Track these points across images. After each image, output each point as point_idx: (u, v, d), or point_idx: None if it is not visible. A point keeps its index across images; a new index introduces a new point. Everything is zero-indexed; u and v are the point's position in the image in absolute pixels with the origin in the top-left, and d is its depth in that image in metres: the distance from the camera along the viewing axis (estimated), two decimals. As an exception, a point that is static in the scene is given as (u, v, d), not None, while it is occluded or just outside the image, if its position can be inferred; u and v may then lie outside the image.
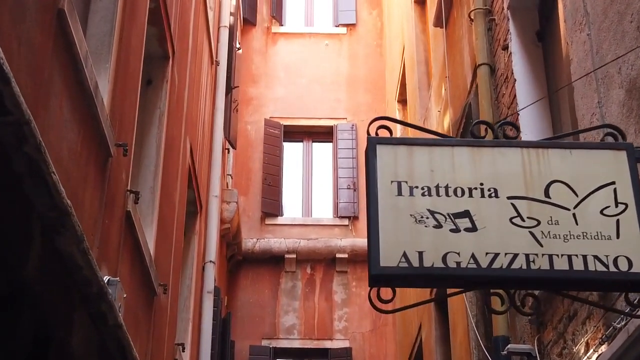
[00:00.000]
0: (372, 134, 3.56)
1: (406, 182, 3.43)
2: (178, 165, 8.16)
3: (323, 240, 14.49)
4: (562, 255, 3.45)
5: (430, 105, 10.34)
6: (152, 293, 6.73)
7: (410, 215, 3.37)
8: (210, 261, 10.37)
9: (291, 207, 15.27)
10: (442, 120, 9.27)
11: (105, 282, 4.81)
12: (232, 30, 11.96)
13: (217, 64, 11.27)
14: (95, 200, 4.86)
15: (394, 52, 14.44)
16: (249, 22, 16.13)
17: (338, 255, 14.41)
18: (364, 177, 3.58)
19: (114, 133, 5.21)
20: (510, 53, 6.59)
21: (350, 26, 16.47)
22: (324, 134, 15.65)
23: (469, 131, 3.88)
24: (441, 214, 3.39)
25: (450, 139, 4.45)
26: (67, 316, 4.29)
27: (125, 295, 5.24)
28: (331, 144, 15.53)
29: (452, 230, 3.37)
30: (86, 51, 4.49)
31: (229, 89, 11.80)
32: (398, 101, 13.86)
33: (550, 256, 3.45)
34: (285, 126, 15.49)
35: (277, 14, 16.45)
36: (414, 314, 11.30)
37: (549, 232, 3.51)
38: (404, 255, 3.27)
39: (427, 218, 3.36)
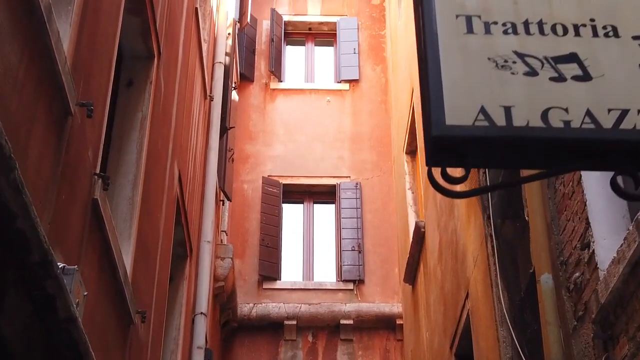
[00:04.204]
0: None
1: (479, 16, 2.35)
2: (164, 186, 7.09)
3: (326, 306, 13.25)
4: None
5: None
6: (127, 318, 5.57)
7: (489, 59, 2.27)
8: (202, 313, 9.18)
9: (291, 271, 14.05)
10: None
11: (60, 268, 3.71)
12: (227, 69, 11.05)
13: (211, 99, 10.31)
14: (46, 159, 3.78)
15: (400, 103, 13.51)
16: (247, 78, 15.26)
17: (342, 322, 13.13)
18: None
19: (75, 89, 4.17)
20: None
21: (352, 82, 15.58)
22: (326, 194, 14.57)
23: None
24: (535, 57, 2.29)
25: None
26: (-4, 289, 3.17)
27: (86, 294, 4.11)
28: (334, 205, 14.47)
29: (553, 79, 2.26)
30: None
31: (224, 129, 10.80)
32: (406, 153, 12.86)
33: None
34: (284, 185, 14.42)
35: (275, 70, 15.54)
36: (430, 376, 10.04)
37: (699, 82, 2.41)
38: (482, 110, 2.15)
39: (514, 63, 2.26)
